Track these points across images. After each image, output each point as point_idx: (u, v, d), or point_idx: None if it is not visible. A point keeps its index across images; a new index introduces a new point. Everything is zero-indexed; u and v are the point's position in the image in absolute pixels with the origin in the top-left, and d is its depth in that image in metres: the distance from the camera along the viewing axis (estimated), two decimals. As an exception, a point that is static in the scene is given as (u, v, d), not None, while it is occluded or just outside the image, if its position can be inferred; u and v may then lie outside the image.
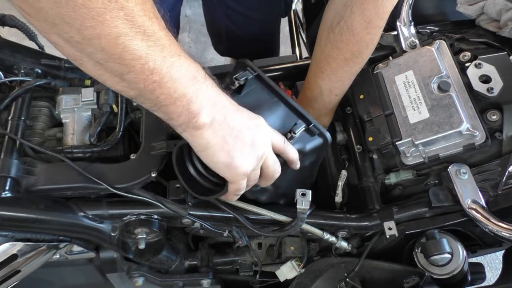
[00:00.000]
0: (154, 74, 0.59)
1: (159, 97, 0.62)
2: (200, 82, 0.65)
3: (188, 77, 0.63)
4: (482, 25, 1.11)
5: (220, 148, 0.70)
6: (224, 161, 0.72)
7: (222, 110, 0.69)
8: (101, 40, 0.54)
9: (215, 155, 0.71)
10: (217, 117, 0.68)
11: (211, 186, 0.84)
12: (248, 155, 0.73)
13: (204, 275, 1.08)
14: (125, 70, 0.58)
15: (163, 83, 0.60)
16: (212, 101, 0.67)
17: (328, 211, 1.00)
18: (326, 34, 0.98)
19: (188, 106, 0.64)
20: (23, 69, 0.99)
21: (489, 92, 0.96)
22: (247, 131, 0.72)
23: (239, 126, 0.71)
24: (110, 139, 0.94)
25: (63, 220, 0.88)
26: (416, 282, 0.95)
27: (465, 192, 0.91)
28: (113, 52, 0.55)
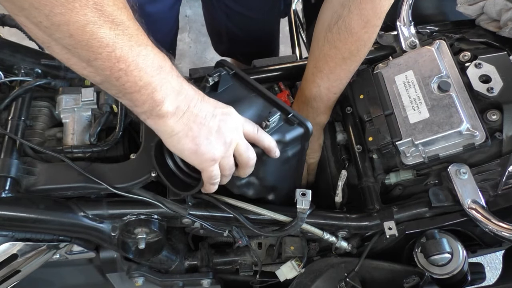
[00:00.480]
0: (121, 62, 0.60)
1: (124, 84, 0.63)
2: (166, 72, 0.66)
3: (154, 67, 0.64)
4: (482, 25, 1.11)
5: (185, 135, 0.71)
6: (190, 148, 0.72)
7: (186, 99, 0.70)
8: (69, 26, 0.55)
9: (179, 142, 0.72)
10: (181, 105, 0.69)
11: (191, 181, 0.84)
12: (214, 141, 0.74)
13: (204, 275, 1.08)
14: (92, 57, 0.59)
15: (129, 71, 0.62)
16: (176, 90, 0.68)
17: (328, 211, 1.00)
18: (324, 34, 0.98)
19: (152, 95, 0.65)
20: (23, 69, 0.99)
21: (489, 92, 0.96)
22: (213, 118, 0.73)
23: (203, 113, 0.72)
24: (110, 139, 0.94)
25: (63, 220, 0.88)
26: (416, 282, 0.95)
27: (465, 192, 0.91)
28: (81, 39, 0.56)
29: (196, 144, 0.72)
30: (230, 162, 0.79)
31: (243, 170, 0.83)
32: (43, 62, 1.02)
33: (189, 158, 0.75)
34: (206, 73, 0.91)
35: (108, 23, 0.57)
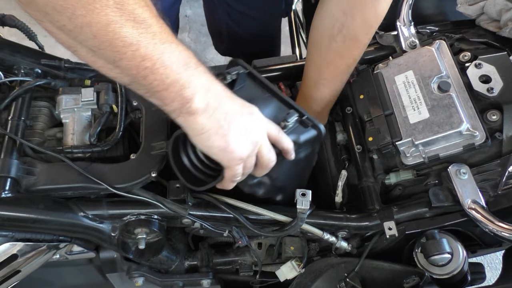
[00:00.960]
0: (146, 61, 0.60)
1: (152, 83, 0.63)
2: (193, 69, 0.66)
3: (180, 63, 0.64)
4: (482, 25, 1.11)
5: (215, 132, 0.70)
6: (219, 145, 0.72)
7: (215, 96, 0.69)
8: (92, 28, 0.55)
9: (209, 139, 0.71)
10: (211, 103, 0.68)
11: (205, 178, 0.85)
12: (243, 140, 0.73)
13: (204, 275, 1.08)
14: (117, 57, 0.59)
15: (155, 69, 0.61)
16: (205, 87, 0.67)
17: (328, 211, 1.00)
18: (327, 43, 0.98)
19: (181, 92, 0.65)
20: (23, 69, 0.99)
21: (489, 92, 0.96)
22: (241, 117, 0.73)
23: (233, 111, 0.72)
24: (110, 139, 0.94)
25: (63, 220, 0.88)
26: (416, 282, 0.95)
27: (465, 192, 0.91)
28: (104, 39, 0.57)
29: (226, 141, 0.72)
30: (253, 162, 0.79)
31: (261, 170, 0.82)
32: (43, 62, 1.02)
33: (217, 155, 0.74)
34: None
35: (130, 21, 0.57)
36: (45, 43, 1.07)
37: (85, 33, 0.56)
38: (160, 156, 0.91)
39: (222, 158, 0.74)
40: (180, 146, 0.84)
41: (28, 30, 1.04)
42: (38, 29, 0.79)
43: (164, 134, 0.94)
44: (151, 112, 0.98)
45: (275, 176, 0.90)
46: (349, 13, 0.93)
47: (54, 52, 1.08)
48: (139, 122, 0.97)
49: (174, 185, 0.91)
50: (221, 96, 0.71)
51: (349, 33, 0.95)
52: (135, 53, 0.59)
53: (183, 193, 0.91)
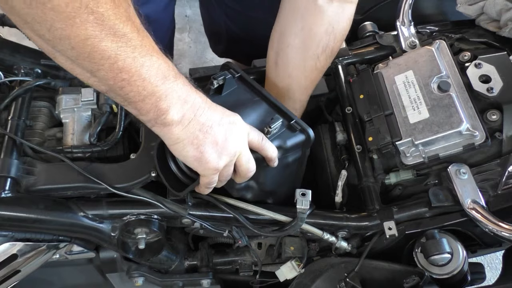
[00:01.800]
0: (123, 73, 0.61)
1: (128, 94, 0.64)
2: (171, 81, 0.66)
3: (158, 77, 0.65)
4: (482, 25, 1.11)
5: (190, 143, 0.72)
6: (194, 155, 0.73)
7: (192, 107, 0.70)
8: (70, 40, 0.56)
9: (184, 149, 0.73)
10: (186, 114, 0.70)
11: (189, 182, 0.85)
12: (219, 150, 0.74)
13: (204, 275, 1.08)
14: (94, 68, 0.60)
15: (132, 81, 0.62)
16: (182, 99, 0.68)
17: (328, 211, 1.00)
18: (313, 64, 1.00)
19: (156, 104, 0.66)
20: (23, 69, 0.99)
21: (489, 92, 0.96)
22: (219, 127, 0.74)
23: (210, 122, 0.73)
24: (110, 139, 0.94)
25: (63, 220, 0.88)
26: (416, 282, 0.95)
27: (465, 192, 0.91)
28: (83, 51, 0.57)
29: (201, 152, 0.73)
30: (230, 171, 0.80)
31: (240, 178, 0.84)
32: (43, 62, 1.02)
33: (192, 164, 0.76)
34: (206, 73, 0.92)
35: (110, 36, 0.57)
36: (45, 43, 1.07)
37: (63, 44, 0.57)
38: (160, 156, 0.91)
39: (197, 167, 0.76)
40: (167, 152, 0.84)
41: (28, 30, 1.03)
42: (38, 29, 0.78)
43: (164, 134, 0.94)
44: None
45: (262, 181, 0.90)
46: (331, 33, 0.98)
47: (54, 52, 1.08)
48: (139, 122, 0.97)
49: (174, 185, 0.92)
50: (199, 107, 0.71)
51: (331, 52, 1.01)
52: (113, 65, 0.60)
53: (183, 193, 0.91)
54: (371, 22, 1.25)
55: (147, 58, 0.63)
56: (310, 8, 0.96)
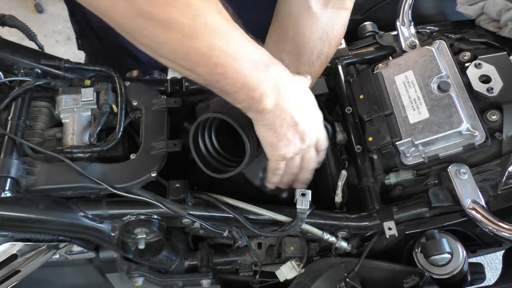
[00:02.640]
0: (218, 68, 0.66)
1: (224, 86, 0.69)
2: (261, 71, 0.70)
3: (250, 67, 0.68)
4: (482, 25, 1.11)
5: (274, 130, 0.78)
6: (271, 140, 0.80)
7: (285, 98, 0.74)
8: (169, 44, 0.62)
9: (266, 132, 0.79)
10: (280, 103, 0.74)
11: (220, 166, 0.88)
12: (293, 143, 0.81)
13: (204, 275, 1.08)
14: (193, 66, 0.66)
15: (227, 75, 0.67)
16: (275, 88, 0.72)
17: (328, 211, 1.00)
18: (307, 69, 1.00)
19: (249, 94, 0.70)
20: (23, 69, 0.99)
21: (489, 92, 0.96)
22: (304, 122, 0.80)
23: (298, 115, 0.78)
24: (110, 139, 0.94)
25: (63, 220, 0.88)
26: (416, 282, 0.95)
27: (465, 192, 0.91)
28: (180, 52, 0.64)
29: (278, 141, 0.79)
30: (297, 163, 0.89)
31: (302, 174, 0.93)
32: (43, 62, 1.02)
33: (264, 145, 0.82)
34: None
35: (203, 34, 0.62)
36: (45, 43, 1.08)
37: (164, 49, 0.63)
38: (160, 156, 0.91)
39: (268, 151, 0.82)
40: (199, 135, 0.87)
41: (28, 30, 1.04)
42: (38, 29, 0.79)
43: (164, 134, 0.94)
44: (151, 112, 0.98)
45: None
46: (326, 39, 0.99)
47: (54, 52, 1.09)
48: (139, 122, 0.97)
49: (174, 185, 0.92)
50: (290, 96, 0.76)
51: (325, 58, 1.01)
52: (208, 61, 0.65)
53: (183, 193, 0.91)
54: (371, 22, 1.25)
55: (239, 50, 0.67)
56: (304, 15, 0.97)
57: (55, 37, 2.73)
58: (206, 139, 0.88)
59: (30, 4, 2.83)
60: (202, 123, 0.86)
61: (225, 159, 0.89)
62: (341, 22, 0.99)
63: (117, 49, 1.43)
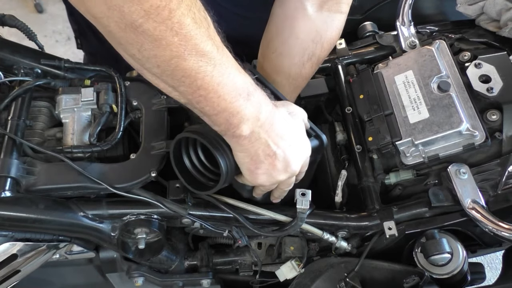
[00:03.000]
0: (201, 90, 0.67)
1: (204, 108, 0.70)
2: (244, 99, 0.71)
3: (232, 94, 0.69)
4: (482, 25, 1.11)
5: (250, 157, 0.77)
6: (248, 167, 0.79)
7: (263, 126, 0.75)
8: (156, 59, 0.63)
9: (244, 158, 0.78)
10: (256, 131, 0.74)
11: (205, 181, 0.86)
12: (273, 174, 0.80)
13: (204, 275, 1.08)
14: (176, 84, 0.66)
15: (208, 97, 0.68)
16: (253, 116, 0.73)
17: (328, 211, 1.00)
18: (298, 71, 1.01)
19: (228, 118, 0.71)
20: (23, 69, 0.99)
21: (489, 92, 0.96)
22: (283, 153, 0.78)
23: (274, 145, 0.77)
24: (110, 139, 0.94)
25: (63, 220, 0.88)
26: (416, 282, 0.95)
27: (465, 192, 0.91)
28: (166, 69, 0.64)
29: (256, 167, 0.79)
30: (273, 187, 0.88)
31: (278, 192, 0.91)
32: (43, 62, 1.01)
33: (243, 171, 0.81)
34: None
35: (192, 56, 0.63)
36: (45, 43, 1.08)
37: (150, 62, 0.64)
38: (160, 156, 0.91)
39: (246, 176, 0.81)
40: (183, 148, 0.85)
41: (28, 30, 1.03)
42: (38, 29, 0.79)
43: (164, 134, 0.94)
44: (151, 112, 0.98)
45: None
46: (319, 42, 0.99)
47: (54, 52, 1.09)
48: (139, 122, 0.97)
49: (174, 185, 0.92)
50: (269, 128, 0.76)
51: (317, 60, 1.01)
52: (192, 83, 0.65)
53: (183, 193, 0.91)
54: (371, 22, 1.25)
55: (225, 76, 0.67)
56: (299, 16, 0.97)
57: (55, 37, 2.73)
58: (191, 154, 0.86)
59: (30, 4, 2.83)
60: (184, 141, 0.85)
61: (212, 173, 0.87)
62: (335, 25, 0.99)
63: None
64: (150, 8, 0.57)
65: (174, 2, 0.58)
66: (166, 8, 0.58)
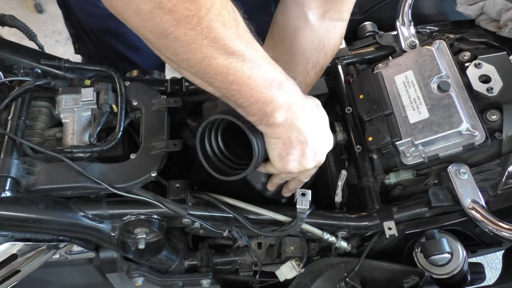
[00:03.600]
0: (234, 84, 0.71)
1: (237, 100, 0.73)
2: (276, 88, 0.74)
3: (263, 85, 0.72)
4: (482, 25, 1.11)
5: (282, 143, 0.80)
6: (279, 153, 0.81)
7: (295, 114, 0.77)
8: (190, 61, 0.68)
9: (276, 145, 0.81)
10: (289, 118, 0.77)
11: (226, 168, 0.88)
12: (302, 161, 0.83)
13: (204, 275, 1.08)
14: (210, 81, 0.71)
15: (241, 91, 0.71)
16: (287, 104, 0.76)
17: (328, 211, 1.00)
18: (303, 79, 1.01)
19: (262, 108, 0.74)
20: (23, 69, 0.99)
21: (489, 92, 0.96)
22: (313, 141, 0.82)
23: (308, 132, 0.80)
24: (110, 139, 0.94)
25: (63, 220, 0.88)
26: (416, 282, 0.95)
27: (465, 192, 0.91)
28: (200, 69, 0.69)
29: (287, 154, 0.81)
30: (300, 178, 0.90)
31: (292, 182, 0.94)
32: (43, 62, 1.02)
33: (273, 159, 0.83)
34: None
35: (221, 55, 0.67)
36: (45, 43, 1.08)
37: (185, 64, 0.69)
38: (160, 156, 0.91)
39: (277, 164, 0.83)
40: (206, 136, 0.87)
41: (28, 30, 1.04)
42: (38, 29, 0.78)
43: (164, 134, 0.94)
44: (151, 112, 0.98)
45: None
46: (322, 50, 1.00)
47: (54, 52, 1.09)
48: (139, 122, 0.97)
49: (174, 185, 0.92)
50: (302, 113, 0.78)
51: (321, 67, 1.03)
52: (224, 79, 0.70)
53: (183, 193, 0.91)
54: (371, 22, 1.25)
55: (255, 70, 0.71)
56: (301, 26, 0.98)
57: (55, 37, 2.73)
58: (212, 141, 0.88)
59: (30, 4, 2.83)
60: (210, 124, 0.85)
61: (231, 161, 0.89)
62: (338, 33, 1.01)
63: (111, 53, 1.44)
64: (180, 17, 0.61)
65: (204, 10, 0.62)
66: (195, 16, 0.62)
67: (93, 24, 1.37)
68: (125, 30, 1.24)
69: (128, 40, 1.38)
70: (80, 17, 1.38)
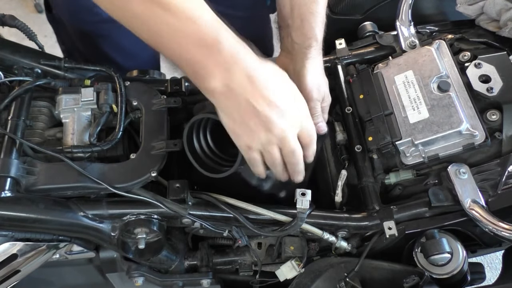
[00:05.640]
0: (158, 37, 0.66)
1: (171, 57, 0.68)
2: (208, 48, 0.65)
3: (194, 43, 0.65)
4: (482, 25, 1.11)
5: (229, 115, 0.72)
6: (230, 127, 0.74)
7: (240, 81, 0.68)
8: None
9: (224, 117, 0.74)
10: (230, 86, 0.68)
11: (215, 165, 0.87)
12: (256, 134, 0.73)
13: (204, 275, 1.08)
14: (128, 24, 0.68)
15: (170, 47, 0.66)
16: (224, 69, 0.67)
17: (328, 211, 1.00)
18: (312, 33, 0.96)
19: (196, 70, 0.67)
20: (23, 69, 0.99)
21: (489, 92, 0.96)
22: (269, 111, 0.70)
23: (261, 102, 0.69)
24: (110, 139, 0.94)
25: (63, 220, 0.88)
26: (416, 282, 0.95)
27: (465, 192, 0.91)
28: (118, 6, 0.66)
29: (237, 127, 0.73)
30: (274, 156, 0.77)
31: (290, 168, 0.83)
32: (43, 62, 1.02)
33: (229, 134, 0.75)
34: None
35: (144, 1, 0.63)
36: (45, 43, 1.08)
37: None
38: (160, 156, 0.91)
39: (232, 139, 0.76)
40: (194, 133, 0.86)
41: (28, 30, 1.04)
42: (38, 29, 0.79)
43: (164, 134, 0.95)
44: (151, 112, 0.98)
45: None
46: None
47: (54, 52, 1.09)
48: (139, 122, 0.97)
49: (174, 185, 0.92)
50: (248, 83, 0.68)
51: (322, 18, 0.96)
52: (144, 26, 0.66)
53: (183, 193, 0.91)
54: (371, 22, 1.25)
55: (185, 24, 0.64)
56: None
57: (55, 37, 2.73)
58: (201, 139, 0.87)
59: (30, 4, 2.83)
60: (197, 123, 0.85)
61: (221, 159, 0.89)
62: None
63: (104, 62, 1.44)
64: None
65: None
66: None
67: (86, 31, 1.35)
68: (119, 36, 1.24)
69: (121, 46, 1.36)
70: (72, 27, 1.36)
